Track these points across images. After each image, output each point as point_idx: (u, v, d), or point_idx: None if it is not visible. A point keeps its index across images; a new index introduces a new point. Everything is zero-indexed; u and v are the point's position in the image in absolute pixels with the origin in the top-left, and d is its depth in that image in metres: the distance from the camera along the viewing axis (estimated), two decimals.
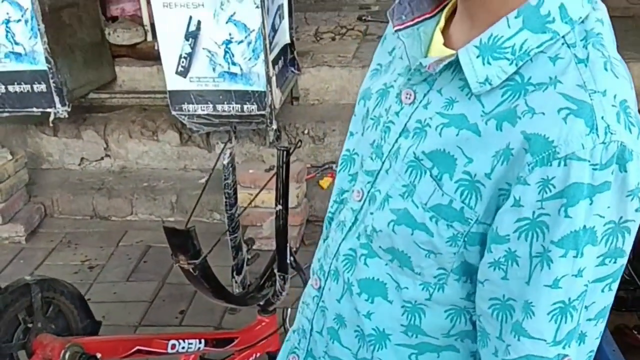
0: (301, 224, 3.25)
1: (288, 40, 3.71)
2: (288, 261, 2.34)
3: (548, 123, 0.69)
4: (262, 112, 3.35)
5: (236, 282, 2.57)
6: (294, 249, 2.61)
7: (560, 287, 0.71)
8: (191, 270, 2.25)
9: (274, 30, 3.50)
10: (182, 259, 2.26)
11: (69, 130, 3.67)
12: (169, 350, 2.17)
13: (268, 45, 3.28)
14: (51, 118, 3.45)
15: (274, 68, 3.41)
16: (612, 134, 0.68)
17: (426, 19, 0.86)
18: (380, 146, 0.87)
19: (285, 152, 2.29)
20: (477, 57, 0.74)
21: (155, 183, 3.55)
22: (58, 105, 3.44)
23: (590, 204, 0.68)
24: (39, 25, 3.31)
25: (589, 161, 0.67)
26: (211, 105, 3.38)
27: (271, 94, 3.35)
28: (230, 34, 3.26)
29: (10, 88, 3.46)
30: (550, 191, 0.69)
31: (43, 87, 3.45)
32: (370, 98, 0.93)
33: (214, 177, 2.69)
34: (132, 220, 3.44)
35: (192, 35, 3.24)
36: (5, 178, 3.32)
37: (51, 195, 3.49)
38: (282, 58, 3.64)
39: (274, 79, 3.39)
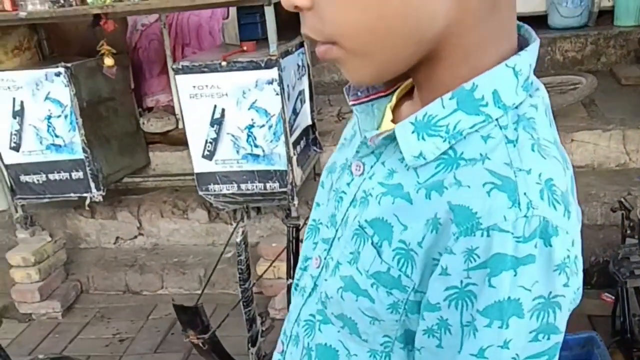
0: None
1: (309, 122, 3.92)
2: None
3: (473, 195, 0.71)
4: (284, 189, 3.52)
5: (252, 353, 2.69)
6: None
7: (486, 357, 0.72)
8: (201, 344, 2.39)
9: (295, 113, 3.71)
10: (192, 334, 2.40)
11: (105, 212, 3.91)
12: None
13: (288, 128, 3.48)
14: (87, 202, 3.69)
15: (295, 148, 3.60)
16: (534, 208, 0.70)
17: (380, 97, 0.91)
18: (334, 215, 0.91)
19: (294, 229, 2.44)
20: (412, 132, 0.77)
21: (184, 258, 3.74)
22: (94, 190, 3.69)
23: (515, 275, 0.69)
24: (77, 119, 3.58)
25: (512, 233, 0.69)
26: (235, 185, 3.57)
27: (292, 173, 3.52)
28: (252, 119, 3.46)
29: (51, 176, 3.73)
30: (475, 261, 0.70)
31: (80, 174, 3.70)
32: (334, 171, 0.98)
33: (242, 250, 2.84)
34: (162, 294, 3.61)
35: (217, 122, 3.45)
36: (45, 258, 3.55)
37: (87, 273, 3.71)
38: (304, 138, 3.84)
39: (294, 158, 3.57)
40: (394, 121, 0.88)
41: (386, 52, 0.76)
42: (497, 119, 0.75)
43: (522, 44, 0.80)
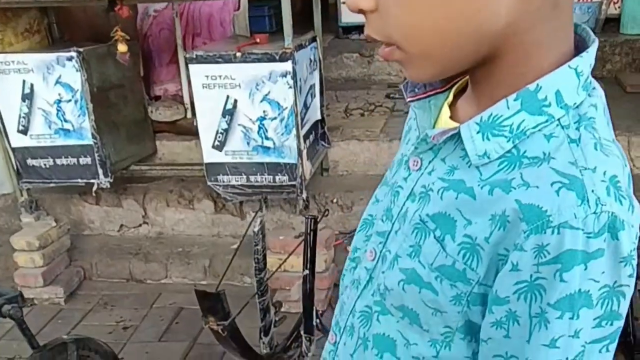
0: (329, 287, 3.36)
1: (319, 117, 3.91)
2: (314, 323, 2.44)
3: (542, 195, 0.73)
4: (293, 183, 3.51)
5: (263, 343, 2.68)
6: (321, 312, 2.71)
7: (558, 347, 0.75)
8: (220, 331, 2.38)
9: (306, 107, 3.71)
10: (212, 321, 2.39)
11: (110, 199, 3.88)
12: None
13: (300, 122, 3.47)
14: (94, 188, 3.66)
15: (305, 142, 3.59)
16: (602, 205, 0.72)
17: (437, 93, 0.93)
18: (390, 209, 0.94)
19: (312, 220, 2.43)
20: (477, 132, 0.79)
21: (189, 248, 3.72)
22: (101, 176, 3.67)
23: (585, 269, 0.72)
24: (87, 104, 3.56)
25: (583, 229, 0.72)
26: (245, 177, 3.56)
27: (302, 166, 3.52)
28: (264, 112, 3.45)
29: (58, 161, 3.70)
30: (545, 257, 0.72)
31: (88, 160, 3.69)
32: (392, 168, 1.01)
33: (245, 242, 2.84)
34: (166, 283, 3.58)
35: (229, 113, 3.45)
36: (49, 243, 3.51)
37: (91, 260, 3.67)
38: (313, 133, 3.84)
39: (304, 152, 3.57)
40: (451, 117, 0.89)
41: (448, 53, 0.78)
42: (559, 119, 0.77)
43: (579, 43, 0.81)
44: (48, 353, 2.15)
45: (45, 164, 3.72)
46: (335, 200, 3.76)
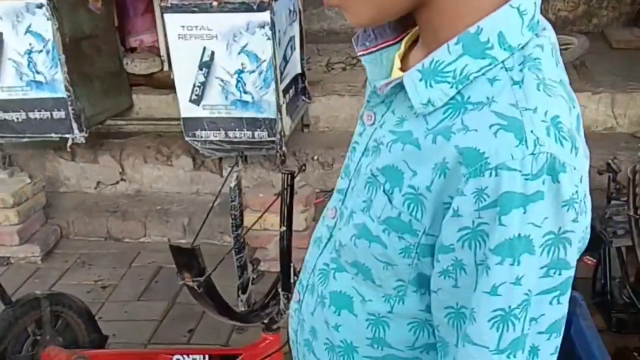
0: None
1: (299, 71, 3.82)
2: (292, 281, 2.41)
3: (480, 137, 0.73)
4: (272, 139, 3.44)
5: (241, 300, 2.65)
6: (299, 270, 2.67)
7: (499, 295, 0.74)
8: (196, 287, 2.33)
9: (285, 60, 3.61)
10: (187, 277, 2.34)
11: (86, 155, 3.79)
12: None
13: (279, 75, 3.39)
14: (69, 143, 3.56)
15: (284, 97, 3.51)
16: (541, 145, 0.71)
17: (389, 45, 0.91)
18: (348, 166, 0.94)
19: (289, 176, 2.38)
20: (420, 80, 0.78)
21: (168, 206, 3.66)
22: (76, 131, 3.56)
23: (524, 212, 0.71)
24: (59, 55, 3.43)
25: (520, 171, 0.71)
26: (223, 132, 3.48)
27: (281, 121, 3.44)
28: (242, 64, 3.36)
29: (31, 115, 3.58)
30: (485, 200, 0.72)
31: (62, 114, 3.57)
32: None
33: (224, 201, 2.78)
34: (145, 242, 3.53)
35: (206, 65, 3.35)
36: (24, 200, 3.44)
37: (67, 218, 3.60)
38: (293, 87, 3.75)
39: (284, 107, 3.49)
40: (402, 69, 0.88)
41: None
42: (502, 61, 0.76)
43: None
44: (20, 309, 2.10)
45: (17, 118, 3.60)
46: (315, 157, 3.70)
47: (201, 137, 3.48)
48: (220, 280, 2.40)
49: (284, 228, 2.36)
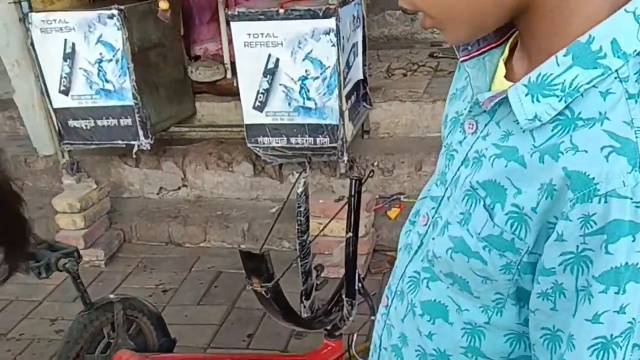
0: (368, 252, 3.28)
1: (361, 77, 3.80)
2: (356, 287, 2.37)
3: (590, 160, 0.69)
4: (334, 145, 3.41)
5: (304, 306, 2.61)
6: (364, 277, 2.63)
7: (602, 323, 0.71)
8: (263, 293, 2.31)
9: (348, 67, 3.59)
10: (256, 282, 2.32)
11: (150, 162, 3.84)
12: None
13: (342, 81, 3.37)
14: (134, 150, 3.62)
15: (346, 103, 3.48)
16: None
17: (491, 48, 0.88)
18: (444, 173, 0.90)
19: (357, 182, 2.34)
20: (526, 95, 0.75)
21: (228, 212, 3.66)
22: (142, 138, 3.62)
23: (633, 240, 0.69)
24: (128, 64, 3.50)
25: (631, 198, 0.68)
26: (285, 138, 3.47)
27: (343, 127, 3.41)
28: (306, 71, 3.35)
29: (99, 122, 3.65)
30: (592, 227, 0.69)
31: (129, 121, 3.63)
32: (446, 126, 0.97)
33: (285, 206, 2.76)
34: (205, 247, 3.54)
35: (270, 72, 3.35)
36: (90, 206, 3.49)
37: (130, 222, 3.64)
38: (355, 93, 3.72)
39: (346, 113, 3.46)
40: (507, 76, 0.85)
41: (471, 12, 0.77)
42: (616, 70, 0.71)
43: None
44: (95, 312, 2.12)
45: (86, 125, 3.68)
46: (376, 164, 3.65)
47: (263, 143, 3.49)
48: (283, 286, 2.37)
49: (350, 234, 2.32)
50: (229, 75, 4.14)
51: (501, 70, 0.86)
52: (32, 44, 3.56)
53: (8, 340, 2.85)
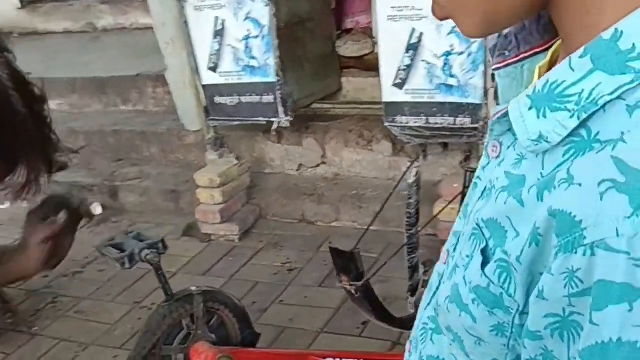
0: None
1: None
2: None
3: (580, 197, 0.54)
4: (475, 126, 3.18)
5: (410, 302, 2.49)
6: None
7: None
8: (353, 291, 2.24)
9: None
10: (345, 280, 2.26)
11: (292, 138, 3.85)
12: None
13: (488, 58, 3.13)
14: (274, 127, 3.64)
15: (492, 81, 3.23)
16: None
17: (536, 53, 0.73)
18: (467, 205, 0.77)
19: (472, 174, 2.17)
20: (530, 109, 0.60)
21: (363, 192, 3.58)
22: (282, 115, 3.61)
23: (630, 310, 0.52)
24: (273, 40, 3.50)
25: (627, 253, 0.51)
26: (424, 118, 3.29)
27: (486, 107, 3.17)
28: (451, 46, 3.14)
29: (243, 99, 3.71)
30: (577, 287, 0.54)
31: (271, 98, 3.64)
32: None
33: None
34: (336, 226, 3.49)
35: (413, 48, 3.18)
36: (229, 181, 3.58)
37: (267, 199, 3.69)
38: None
39: (491, 91, 3.21)
40: None
41: (483, 2, 0.63)
42: None
43: None
44: (176, 303, 2.16)
45: (231, 102, 3.75)
46: None
47: (401, 122, 3.34)
48: (400, 273, 2.27)
49: None
50: (377, 49, 4.01)
51: (536, 80, 0.68)
52: (185, 22, 3.69)
53: (141, 309, 3.02)
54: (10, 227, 3.76)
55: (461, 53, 3.14)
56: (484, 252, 0.65)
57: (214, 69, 3.74)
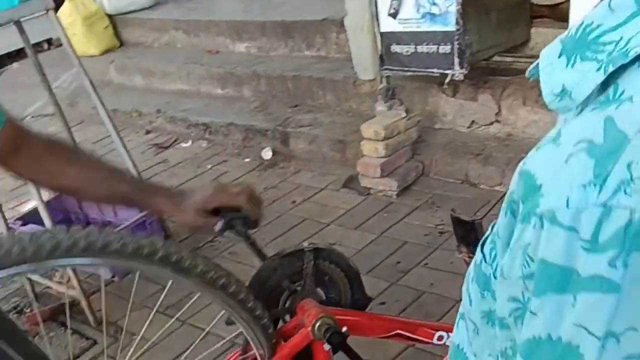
0: None
1: None
2: None
3: (548, 158, 0.48)
4: None
5: None
6: None
7: None
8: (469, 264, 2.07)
9: None
10: (464, 252, 2.09)
11: (467, 92, 3.62)
12: (435, 341, 2.03)
13: None
14: (447, 80, 3.45)
15: None
16: (627, 195, 0.41)
17: None
18: None
19: None
20: (560, 56, 0.53)
21: None
22: (456, 67, 3.41)
23: (573, 305, 0.43)
24: None
25: (573, 230, 0.43)
26: None
27: None
28: None
29: (419, 48, 3.56)
30: (529, 266, 0.48)
31: (447, 48, 3.45)
32: None
33: None
34: (499, 191, 3.23)
35: None
36: (395, 134, 3.47)
37: (432, 155, 3.53)
38: None
39: None
40: None
41: None
42: None
43: None
44: (285, 259, 2.15)
45: (406, 51, 3.62)
46: None
47: None
48: None
49: None
50: None
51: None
52: None
53: None
54: (188, 165, 4.03)
55: None
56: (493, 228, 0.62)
57: (394, 15, 3.63)
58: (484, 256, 0.60)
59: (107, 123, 3.01)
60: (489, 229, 0.66)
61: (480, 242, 0.65)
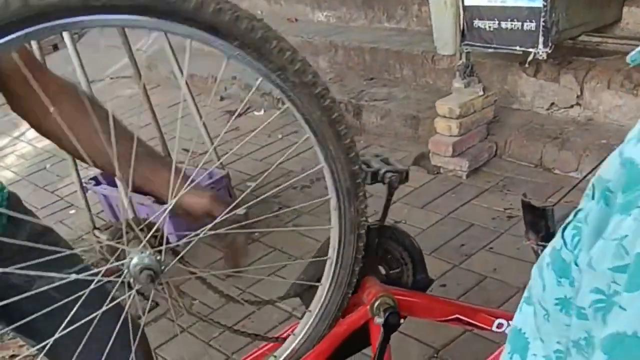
0: None
1: None
2: None
3: None
4: None
5: None
6: None
7: None
8: (538, 252, 2.01)
9: None
10: (532, 239, 2.03)
11: (549, 72, 3.48)
12: (494, 329, 1.99)
13: None
14: (529, 59, 3.32)
15: None
16: None
17: None
18: None
19: None
20: None
21: (615, 142, 3.12)
22: (540, 45, 3.28)
23: None
24: None
25: None
26: None
27: None
28: None
29: (503, 24, 3.43)
30: (623, 258, 0.46)
31: (532, 25, 3.31)
32: None
33: None
34: (574, 177, 3.11)
35: None
36: (470, 113, 3.38)
37: (507, 136, 3.42)
38: None
39: None
40: None
41: None
42: None
43: None
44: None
45: (489, 27, 3.50)
46: None
47: None
48: None
49: None
50: None
51: None
52: None
53: None
54: (259, 133, 4.05)
55: None
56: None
57: None
58: (564, 242, 0.59)
59: (182, 87, 3.05)
60: (572, 214, 0.63)
61: (562, 228, 0.63)
